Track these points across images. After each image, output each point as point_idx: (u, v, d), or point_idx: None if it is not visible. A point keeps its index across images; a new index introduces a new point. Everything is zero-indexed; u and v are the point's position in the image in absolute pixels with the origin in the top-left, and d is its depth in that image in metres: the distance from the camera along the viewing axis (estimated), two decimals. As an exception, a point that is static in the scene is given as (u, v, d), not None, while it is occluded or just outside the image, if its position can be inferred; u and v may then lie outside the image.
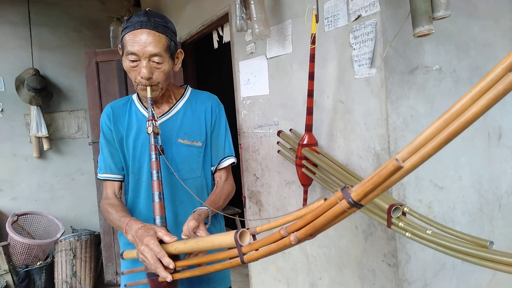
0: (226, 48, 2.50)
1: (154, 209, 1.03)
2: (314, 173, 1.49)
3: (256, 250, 0.76)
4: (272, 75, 1.92)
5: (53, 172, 3.66)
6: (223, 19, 2.41)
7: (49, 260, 3.18)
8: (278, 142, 1.80)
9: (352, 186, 0.56)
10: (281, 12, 1.79)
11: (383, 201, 1.08)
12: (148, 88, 1.11)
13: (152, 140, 1.07)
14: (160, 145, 1.09)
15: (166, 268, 0.92)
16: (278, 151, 1.81)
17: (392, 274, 1.37)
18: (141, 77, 1.10)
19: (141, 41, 1.07)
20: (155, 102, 1.23)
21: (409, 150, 0.49)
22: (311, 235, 0.67)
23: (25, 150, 3.55)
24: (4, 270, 2.99)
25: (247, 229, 0.81)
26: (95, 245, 3.23)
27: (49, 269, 3.15)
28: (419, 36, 1.04)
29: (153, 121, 1.09)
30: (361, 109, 1.41)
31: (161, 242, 0.96)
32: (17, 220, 3.22)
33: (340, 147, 1.53)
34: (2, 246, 3.00)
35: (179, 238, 0.98)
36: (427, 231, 0.94)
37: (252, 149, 2.17)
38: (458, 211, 1.54)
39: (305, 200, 1.65)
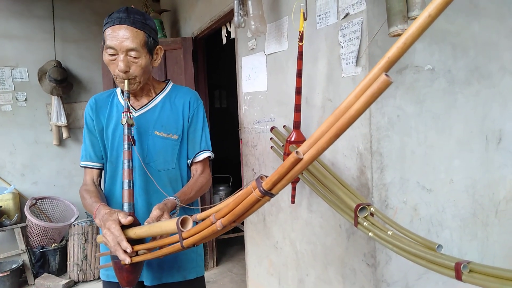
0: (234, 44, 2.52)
1: (123, 196, 1.09)
2: (300, 170, 1.50)
3: (193, 235, 0.80)
4: (270, 72, 1.94)
5: (71, 160, 3.84)
6: (229, 15, 2.43)
7: (63, 242, 3.36)
8: (271, 138, 1.82)
9: (267, 177, 0.59)
10: (278, 8, 1.80)
11: (352, 200, 1.08)
12: (126, 81, 1.17)
13: (126, 131, 1.13)
14: (132, 136, 1.15)
15: (125, 251, 0.97)
16: (271, 147, 1.82)
17: (370, 274, 1.36)
18: (118, 70, 1.15)
19: (119, 36, 1.13)
20: (135, 95, 1.29)
21: (308, 144, 0.51)
22: (235, 222, 0.71)
23: (46, 138, 3.74)
24: (22, 250, 3.19)
25: (190, 216, 0.86)
26: (106, 231, 3.36)
27: (63, 251, 3.32)
28: (394, 36, 1.03)
29: (128, 113, 1.14)
30: (347, 107, 1.40)
31: (124, 227, 1.01)
32: (35, 203, 3.40)
33: (327, 145, 1.53)
34: (20, 227, 3.19)
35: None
36: (388, 232, 0.94)
37: (251, 144, 2.20)
38: (448, 215, 1.51)
39: (293, 196, 1.66)
